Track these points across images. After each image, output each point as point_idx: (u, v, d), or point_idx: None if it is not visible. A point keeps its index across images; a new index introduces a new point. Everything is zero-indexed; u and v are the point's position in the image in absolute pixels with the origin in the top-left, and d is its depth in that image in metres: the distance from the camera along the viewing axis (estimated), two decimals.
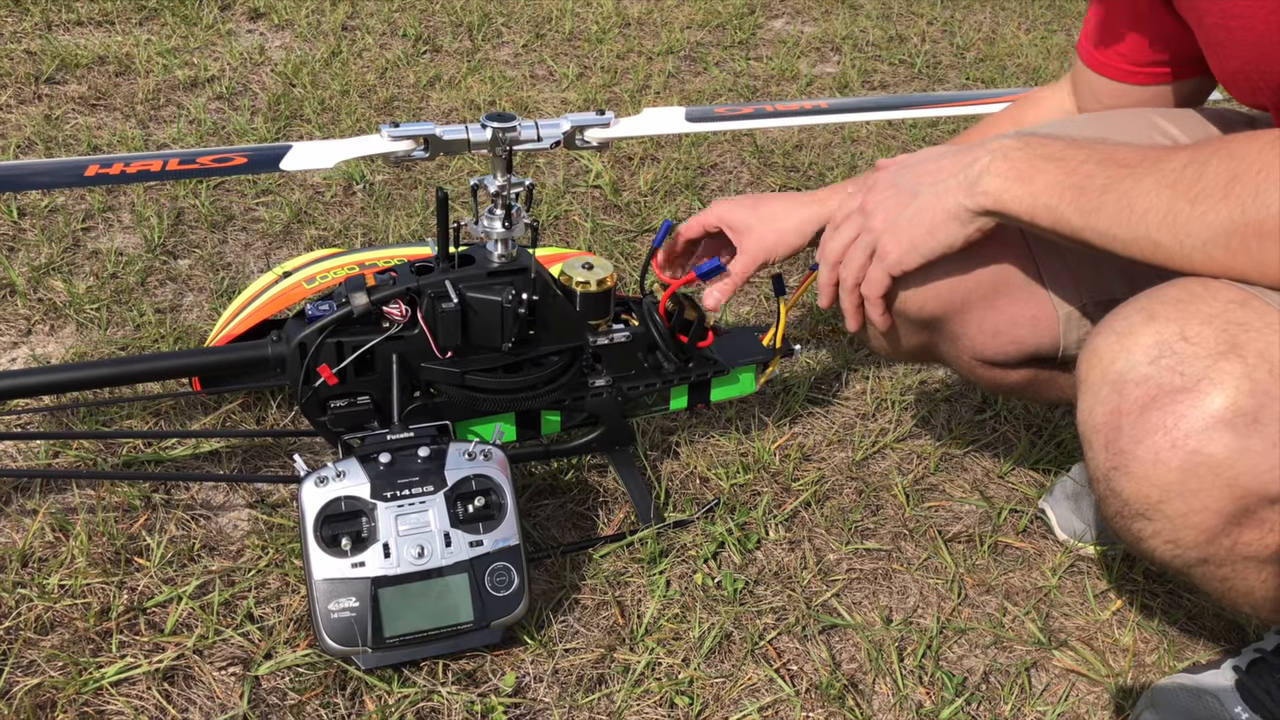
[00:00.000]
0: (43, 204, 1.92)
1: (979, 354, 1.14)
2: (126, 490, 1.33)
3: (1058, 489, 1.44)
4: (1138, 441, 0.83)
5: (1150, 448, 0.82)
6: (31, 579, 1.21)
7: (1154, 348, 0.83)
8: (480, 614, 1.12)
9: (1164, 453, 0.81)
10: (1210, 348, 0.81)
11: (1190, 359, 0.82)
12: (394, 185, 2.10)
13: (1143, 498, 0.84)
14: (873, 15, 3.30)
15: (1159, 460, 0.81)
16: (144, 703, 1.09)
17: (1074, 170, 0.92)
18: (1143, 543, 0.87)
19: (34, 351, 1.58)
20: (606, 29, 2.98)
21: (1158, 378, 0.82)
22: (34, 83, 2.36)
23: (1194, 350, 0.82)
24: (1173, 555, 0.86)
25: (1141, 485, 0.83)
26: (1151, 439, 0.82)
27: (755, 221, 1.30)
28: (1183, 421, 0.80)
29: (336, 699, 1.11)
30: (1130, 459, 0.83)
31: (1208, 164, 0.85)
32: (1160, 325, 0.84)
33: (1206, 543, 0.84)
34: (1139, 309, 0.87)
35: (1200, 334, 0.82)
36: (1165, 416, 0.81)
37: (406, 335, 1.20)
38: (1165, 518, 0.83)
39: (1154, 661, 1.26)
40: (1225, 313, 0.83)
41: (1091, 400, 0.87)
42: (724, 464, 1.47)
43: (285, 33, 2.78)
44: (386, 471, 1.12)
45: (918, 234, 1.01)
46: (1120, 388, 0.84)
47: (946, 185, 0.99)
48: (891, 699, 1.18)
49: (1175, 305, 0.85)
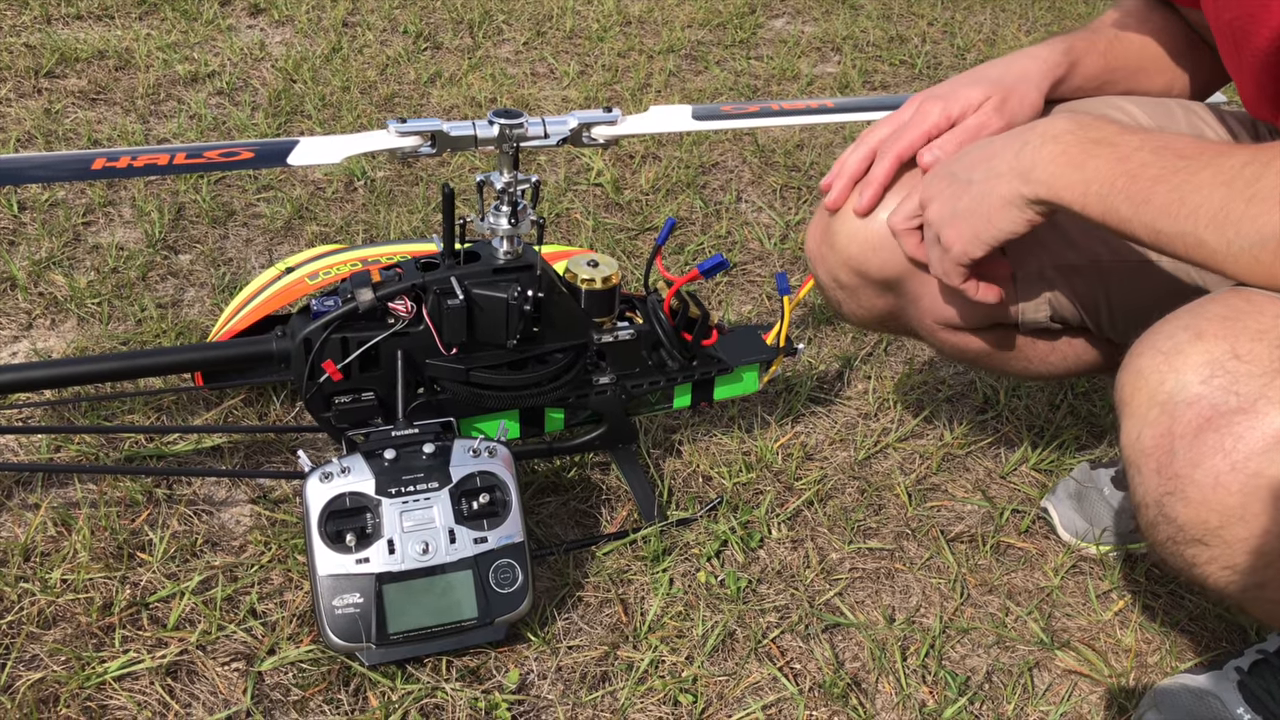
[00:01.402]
0: (43, 198, 1.92)
1: (938, 315, 1.15)
2: (129, 485, 1.32)
3: (1060, 489, 1.44)
4: (1195, 465, 0.79)
5: (1209, 471, 0.79)
6: (34, 573, 1.20)
7: (1205, 367, 0.80)
8: (484, 611, 1.12)
9: (1224, 476, 0.78)
10: (1265, 365, 0.79)
11: (1245, 378, 0.79)
12: (395, 182, 2.10)
13: (1200, 523, 0.80)
14: (873, 16, 3.30)
15: (1219, 484, 0.78)
16: (147, 698, 1.09)
17: (1127, 157, 0.89)
18: (1196, 568, 0.84)
19: (35, 346, 1.57)
20: (607, 27, 2.98)
21: (1211, 398, 0.79)
22: (33, 76, 2.36)
23: (1248, 369, 0.79)
24: (1229, 581, 0.83)
25: (1200, 510, 0.80)
26: (1209, 462, 0.79)
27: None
28: (1242, 443, 0.77)
29: (340, 695, 1.11)
30: (1186, 483, 0.80)
31: (1270, 165, 0.82)
32: (1209, 343, 0.81)
33: (1265, 567, 0.80)
34: (1184, 326, 0.84)
35: (1252, 351, 0.80)
36: (1223, 439, 0.78)
37: (412, 331, 1.20)
38: (1224, 543, 0.80)
39: (1156, 662, 1.26)
40: (1276, 327, 0.80)
41: (1139, 423, 0.84)
42: (727, 462, 1.47)
43: (285, 28, 2.78)
44: (391, 468, 1.12)
45: (978, 224, 0.99)
46: (1171, 410, 0.81)
47: (998, 171, 0.97)
48: (894, 698, 1.18)
49: (1222, 322, 0.82)
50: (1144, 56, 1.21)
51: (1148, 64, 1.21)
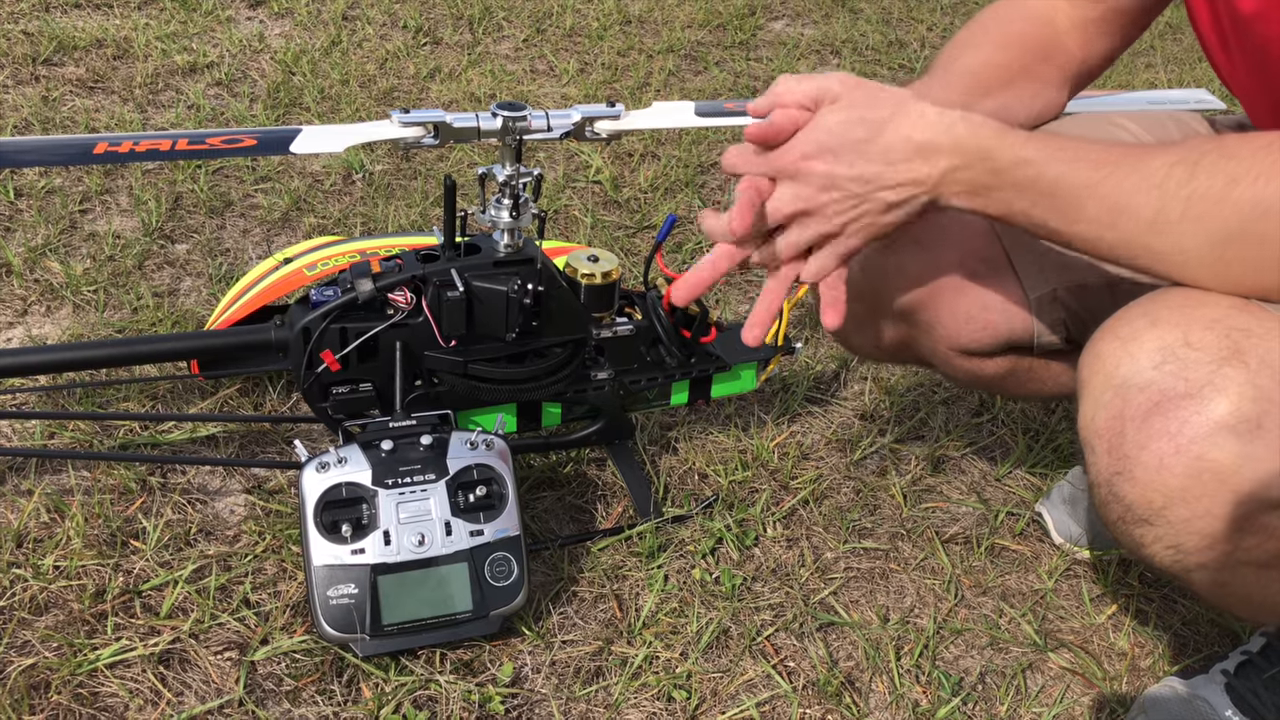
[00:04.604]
0: (39, 185, 1.91)
1: (954, 342, 1.14)
2: (123, 473, 1.32)
3: (1055, 493, 1.44)
4: (1142, 447, 0.83)
5: (1155, 453, 0.82)
6: (26, 559, 1.20)
7: (1158, 353, 0.83)
8: (479, 603, 1.11)
9: (1168, 458, 0.81)
10: (1214, 353, 0.81)
11: (1194, 364, 0.81)
12: (393, 175, 2.09)
13: (1146, 503, 0.83)
14: (873, 19, 3.30)
15: (1163, 466, 0.81)
16: (139, 685, 1.09)
17: (1038, 178, 0.88)
18: (1144, 548, 0.87)
19: (30, 332, 1.56)
20: (607, 26, 2.98)
21: (1161, 383, 0.82)
22: (31, 64, 2.35)
23: (1197, 356, 0.82)
24: (1173, 560, 0.86)
25: (1145, 491, 0.83)
26: (1156, 444, 0.82)
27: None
28: (1187, 427, 0.80)
29: (333, 686, 1.11)
30: (1134, 464, 0.83)
31: (1199, 165, 0.83)
32: (1163, 330, 0.84)
33: (1208, 548, 0.83)
34: (1142, 313, 0.87)
35: (1203, 339, 0.82)
36: (1169, 422, 0.81)
37: (411, 323, 1.19)
38: (1168, 523, 0.83)
39: (1149, 665, 1.26)
40: (1227, 318, 0.83)
41: (1094, 405, 0.87)
42: (723, 460, 1.47)
43: (285, 21, 2.77)
44: (388, 459, 1.12)
45: (873, 232, 0.95)
46: (1124, 393, 0.84)
47: (894, 195, 0.92)
48: (888, 697, 1.18)
49: (1178, 310, 0.85)
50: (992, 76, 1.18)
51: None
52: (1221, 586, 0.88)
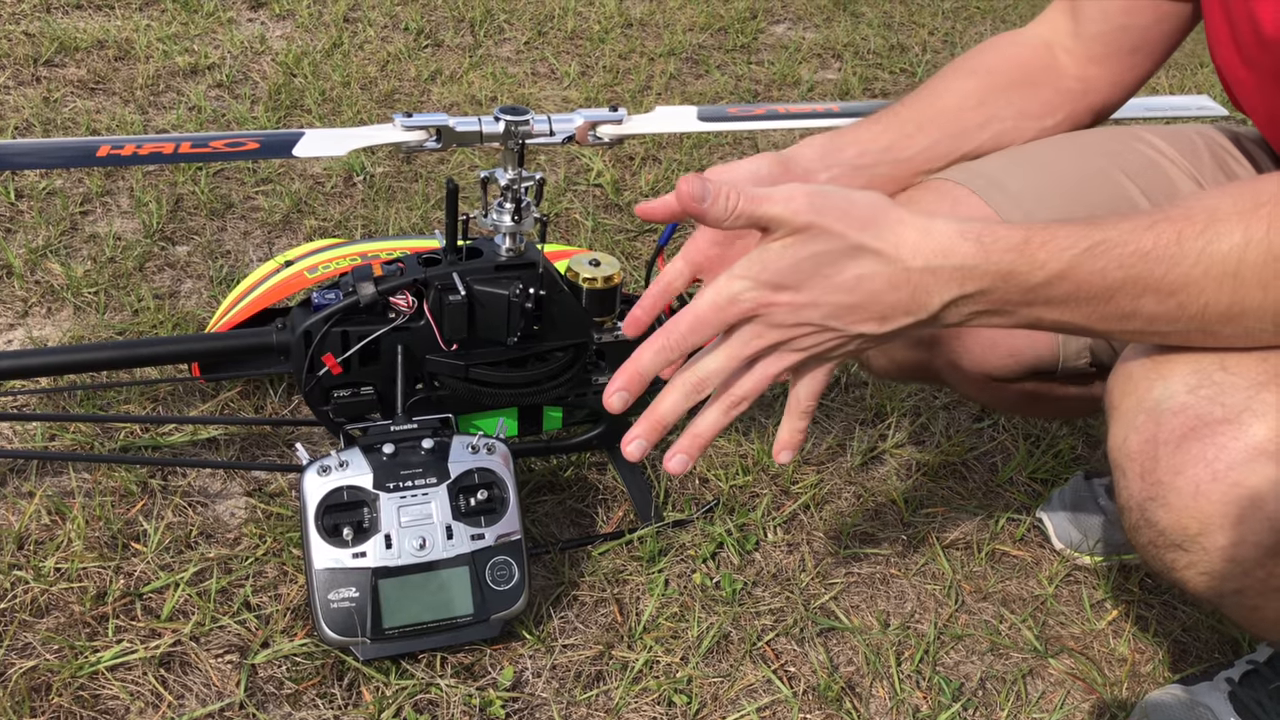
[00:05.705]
0: (40, 186, 1.91)
1: (979, 368, 1.13)
2: (124, 475, 1.32)
3: (1055, 499, 1.44)
4: (1177, 472, 0.80)
5: (1190, 479, 0.79)
6: (27, 561, 1.20)
7: (1192, 376, 0.81)
8: (480, 607, 1.11)
9: (1205, 485, 0.79)
10: (1251, 378, 0.79)
11: (1230, 389, 0.79)
12: (394, 178, 2.10)
13: (1180, 529, 0.81)
14: (874, 24, 3.31)
15: (1199, 493, 0.79)
16: (140, 688, 1.09)
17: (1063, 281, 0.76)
18: (1176, 572, 0.85)
19: (31, 334, 1.56)
20: (609, 29, 2.98)
21: (1197, 408, 0.80)
22: (32, 65, 2.35)
23: (1234, 380, 0.79)
24: (1207, 586, 0.84)
25: (1180, 517, 0.81)
26: (1192, 470, 0.79)
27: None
28: (1225, 454, 0.78)
29: (334, 689, 1.11)
30: (1168, 490, 0.81)
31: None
32: (1198, 353, 0.82)
33: (1243, 574, 0.81)
34: None
35: (1240, 363, 0.80)
36: (1206, 448, 0.79)
37: (412, 326, 1.19)
38: (1203, 550, 0.81)
39: (1149, 672, 1.26)
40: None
41: (1126, 427, 0.84)
42: (723, 465, 1.47)
43: (286, 23, 2.77)
44: (389, 462, 1.12)
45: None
46: (1157, 416, 0.82)
47: (899, 324, 0.78)
48: (889, 702, 1.18)
49: None
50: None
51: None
52: (1255, 611, 0.86)
